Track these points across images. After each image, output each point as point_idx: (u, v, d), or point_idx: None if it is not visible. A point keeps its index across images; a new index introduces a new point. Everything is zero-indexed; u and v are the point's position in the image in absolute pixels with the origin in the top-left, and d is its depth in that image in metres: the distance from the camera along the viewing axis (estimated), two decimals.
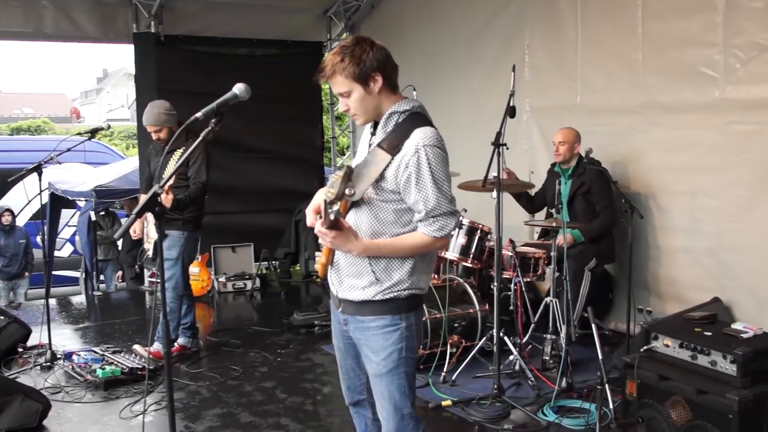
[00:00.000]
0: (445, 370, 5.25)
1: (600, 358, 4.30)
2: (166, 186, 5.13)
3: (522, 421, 4.55)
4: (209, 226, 6.45)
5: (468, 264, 5.82)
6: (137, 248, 9.56)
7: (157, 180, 5.63)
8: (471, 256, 5.75)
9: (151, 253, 5.89)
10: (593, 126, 6.40)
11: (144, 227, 5.94)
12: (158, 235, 2.81)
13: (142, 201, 2.65)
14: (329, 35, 9.97)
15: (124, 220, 10.52)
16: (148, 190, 4.50)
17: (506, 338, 5.23)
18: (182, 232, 5.78)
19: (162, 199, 5.11)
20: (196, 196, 5.68)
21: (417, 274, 2.81)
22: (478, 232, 5.75)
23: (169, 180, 3.17)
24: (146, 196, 2.68)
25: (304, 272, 9.52)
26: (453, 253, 5.78)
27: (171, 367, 2.82)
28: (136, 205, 2.70)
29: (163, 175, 5.40)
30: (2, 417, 4.46)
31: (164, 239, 5.62)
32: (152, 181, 5.92)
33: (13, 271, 10.38)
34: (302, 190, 8.88)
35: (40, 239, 9.11)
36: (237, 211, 9.28)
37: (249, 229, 9.28)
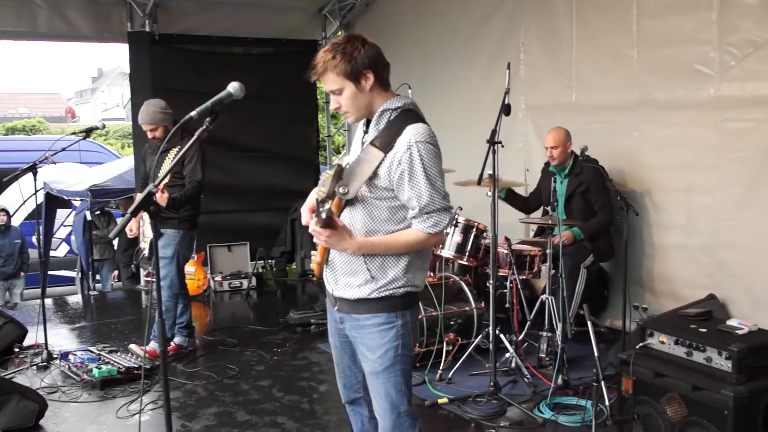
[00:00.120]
0: (441, 367, 5.26)
1: (596, 355, 4.31)
2: (161, 185, 5.14)
3: (518, 419, 4.56)
4: (205, 225, 6.44)
5: (464, 262, 5.82)
6: (133, 248, 9.55)
7: (152, 179, 5.61)
8: (467, 253, 5.75)
9: (147, 252, 5.89)
10: (588, 123, 6.41)
11: (140, 226, 5.94)
12: (154, 234, 2.80)
13: (137, 200, 2.64)
14: (324, 33, 9.98)
15: (119, 220, 10.50)
16: (143, 189, 4.50)
17: (502, 336, 5.24)
18: (178, 231, 5.78)
19: (157, 197, 5.13)
20: (192, 194, 5.67)
21: (412, 272, 2.81)
22: (474, 230, 5.75)
23: (164, 179, 3.16)
24: (141, 195, 2.67)
25: (300, 271, 9.52)
26: (449, 251, 5.78)
27: (167, 366, 2.82)
28: (132, 205, 2.69)
29: (159, 174, 5.39)
30: None
31: (160, 238, 5.62)
32: (148, 180, 5.92)
33: (8, 271, 10.36)
34: (298, 189, 8.86)
35: (35, 239, 9.11)
36: (233, 210, 9.27)
37: (245, 228, 9.27)
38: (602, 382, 4.30)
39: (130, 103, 9.22)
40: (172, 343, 6.03)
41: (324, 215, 2.57)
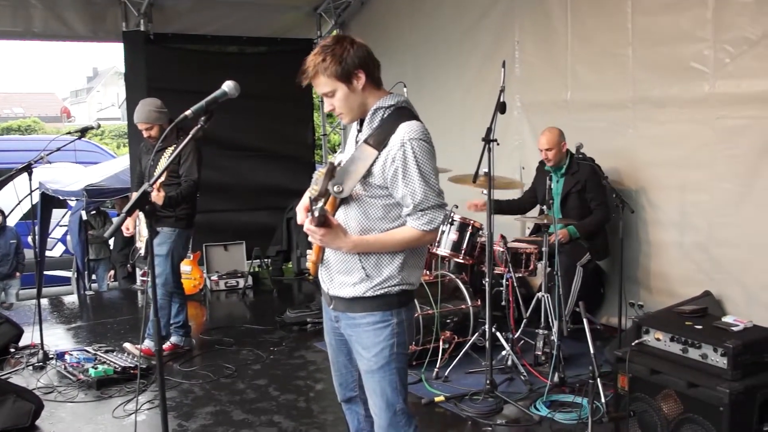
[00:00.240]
0: (437, 365, 5.27)
1: (592, 353, 4.31)
2: (157, 184, 5.13)
3: (515, 416, 4.57)
4: (201, 225, 6.43)
5: (460, 260, 5.82)
6: (129, 247, 9.54)
7: (148, 178, 5.62)
8: (463, 252, 5.75)
9: (143, 251, 5.88)
10: (583, 121, 6.42)
11: (137, 225, 5.93)
12: (149, 233, 2.80)
13: (132, 199, 2.64)
14: (319, 32, 9.97)
15: (115, 219, 10.48)
16: (139, 188, 4.51)
17: (498, 334, 5.25)
18: (174, 229, 5.78)
19: (153, 196, 5.13)
20: (188, 193, 5.67)
21: (407, 270, 2.81)
22: (470, 228, 5.75)
23: (160, 178, 3.16)
24: (137, 194, 2.67)
25: (296, 270, 9.52)
26: (445, 249, 5.78)
27: (162, 365, 2.82)
28: (127, 204, 2.69)
29: (154, 173, 5.40)
30: None
31: (155, 236, 5.61)
32: (143, 179, 5.91)
33: (4, 272, 10.32)
34: (294, 188, 8.83)
35: (31, 239, 9.07)
36: (229, 210, 9.27)
37: (241, 228, 9.27)
38: (598, 380, 4.28)
39: (125, 102, 9.20)
40: (168, 342, 6.03)
41: (317, 213, 2.57)
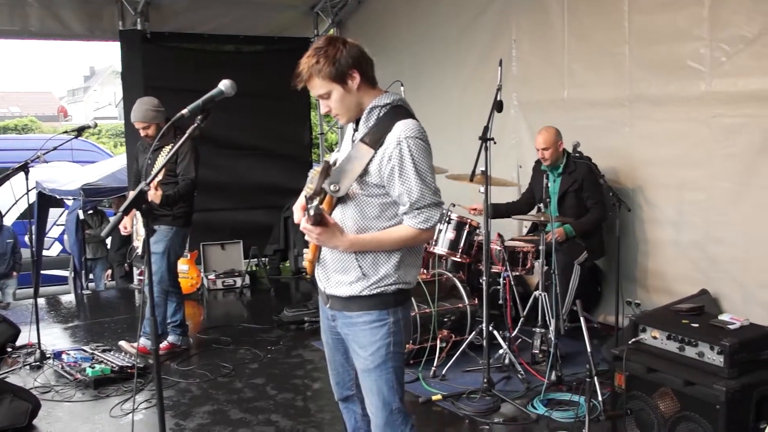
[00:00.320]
0: (435, 364, 5.27)
1: (589, 351, 4.32)
2: (154, 182, 5.14)
3: (512, 415, 4.57)
4: (198, 224, 6.44)
5: (457, 259, 5.82)
6: (126, 247, 9.54)
7: (144, 177, 5.62)
8: (460, 250, 5.75)
9: (141, 250, 5.87)
10: (580, 120, 6.42)
11: (134, 224, 5.93)
12: (146, 232, 2.80)
13: (128, 198, 2.64)
14: (316, 31, 9.96)
15: (112, 219, 10.47)
16: (136, 187, 4.50)
17: (496, 332, 5.25)
18: (171, 227, 5.78)
19: (150, 195, 5.13)
20: (186, 192, 5.67)
21: (404, 268, 2.81)
22: (467, 226, 5.75)
23: (156, 176, 3.16)
24: (133, 193, 2.67)
25: (293, 269, 9.53)
26: (442, 248, 5.78)
27: (159, 363, 2.81)
28: (124, 203, 2.69)
29: (151, 171, 5.40)
30: None
31: (152, 234, 5.61)
32: (140, 177, 5.91)
33: (1, 271, 10.31)
34: (291, 187, 8.82)
35: (28, 238, 9.06)
36: (226, 209, 9.26)
37: (238, 226, 9.26)
38: (595, 378, 4.31)
39: (122, 101, 9.19)
40: (165, 341, 6.03)
41: (312, 212, 2.57)
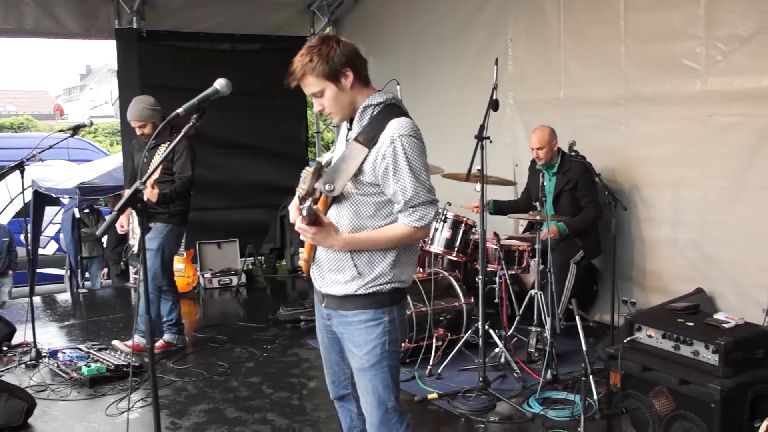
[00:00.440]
0: (430, 363, 5.28)
1: (584, 350, 4.32)
2: (150, 181, 5.13)
3: (508, 413, 4.58)
4: (194, 222, 6.43)
5: (453, 257, 5.82)
6: (122, 245, 9.53)
7: (140, 175, 5.61)
8: (456, 249, 5.75)
9: (137, 249, 5.87)
10: (576, 119, 6.43)
11: (130, 222, 5.92)
12: (141, 231, 2.80)
13: (124, 197, 2.64)
14: (313, 30, 9.93)
15: (108, 217, 10.45)
16: (131, 185, 4.50)
17: (491, 331, 5.26)
18: (166, 225, 5.77)
19: (147, 193, 5.12)
20: (182, 190, 5.67)
21: (399, 267, 2.81)
22: (463, 225, 5.75)
23: (152, 175, 3.16)
24: (129, 191, 2.67)
25: (289, 267, 9.52)
26: (438, 247, 5.78)
27: (155, 362, 2.81)
28: (119, 202, 2.68)
29: (147, 170, 5.39)
30: None
31: (148, 232, 5.61)
32: (136, 176, 5.90)
33: None
34: (287, 186, 8.70)
35: (23, 237, 9.05)
36: (222, 207, 9.25)
37: (234, 225, 9.25)
38: (591, 377, 4.29)
39: (118, 100, 9.18)
40: (161, 340, 6.02)
41: (305, 212, 2.57)
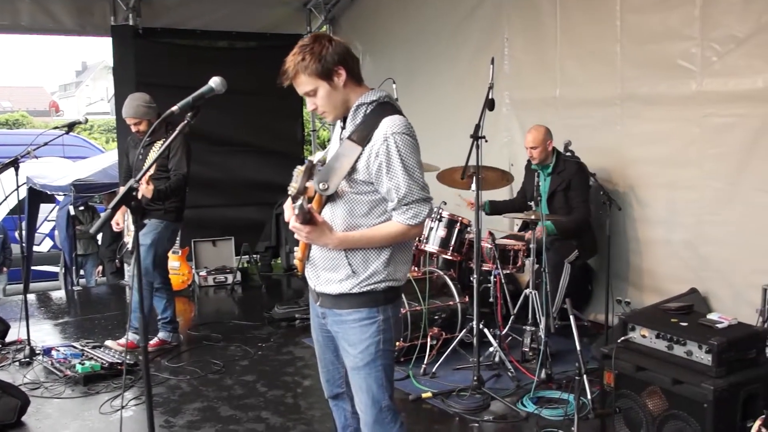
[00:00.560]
0: (425, 362, 5.28)
1: (578, 350, 4.33)
2: (145, 177, 5.12)
3: (502, 412, 4.58)
4: (190, 220, 6.42)
5: (448, 256, 5.83)
6: (117, 243, 9.52)
7: (135, 172, 5.60)
8: (451, 248, 5.76)
9: (131, 246, 5.86)
10: (572, 118, 6.44)
11: (125, 219, 5.91)
12: (135, 229, 2.79)
13: (118, 195, 2.63)
14: (309, 28, 9.93)
15: (102, 215, 10.43)
16: (126, 182, 4.49)
17: (486, 330, 5.27)
18: (161, 221, 5.77)
19: (143, 189, 5.11)
20: (177, 187, 5.66)
21: (394, 265, 2.81)
22: (458, 224, 5.77)
23: (147, 172, 3.15)
24: (123, 189, 2.66)
25: (285, 266, 9.52)
26: (433, 246, 5.79)
27: (148, 360, 2.81)
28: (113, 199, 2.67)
29: (143, 167, 5.38)
30: None
31: (142, 228, 5.60)
32: (131, 173, 5.89)
33: None
34: (283, 184, 8.53)
35: (18, 234, 9.03)
36: (217, 205, 9.25)
37: (229, 223, 9.25)
38: (584, 376, 4.32)
39: (113, 97, 9.16)
40: (156, 338, 6.02)
41: (297, 211, 2.58)
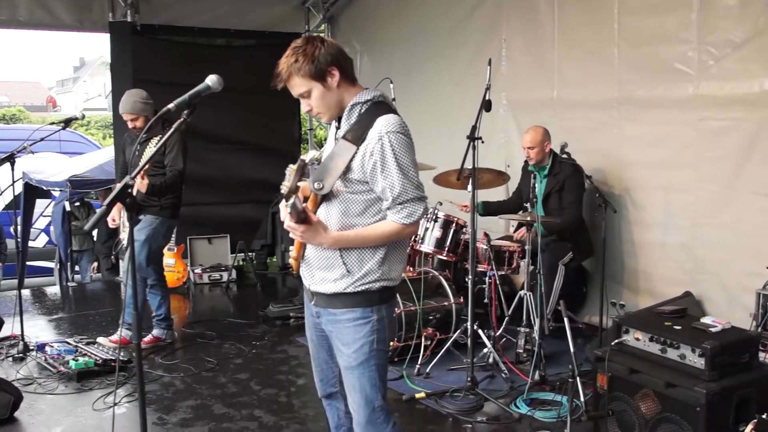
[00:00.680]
0: (419, 362, 5.28)
1: (572, 352, 4.34)
2: (141, 172, 5.12)
3: (495, 414, 4.58)
4: (185, 218, 6.42)
5: (443, 257, 5.83)
6: (113, 239, 9.51)
7: (132, 169, 5.60)
8: (446, 249, 5.76)
9: (126, 243, 5.85)
10: (569, 120, 6.44)
11: (121, 216, 5.91)
12: (130, 226, 2.79)
13: (113, 191, 2.63)
14: (307, 26, 9.92)
15: (97, 211, 10.40)
16: (123, 179, 4.48)
17: (480, 331, 5.27)
18: (156, 217, 5.77)
19: (137, 183, 5.11)
20: (172, 183, 5.66)
21: (388, 264, 2.81)
22: (453, 225, 5.76)
23: (143, 168, 3.15)
24: (118, 186, 2.66)
25: (280, 264, 9.52)
26: (428, 246, 5.79)
27: (141, 358, 2.80)
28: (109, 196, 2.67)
29: (139, 163, 5.39)
30: None
31: (137, 224, 5.59)
32: (127, 169, 5.89)
33: None
34: (279, 182, 8.67)
35: (13, 229, 9.01)
36: (213, 203, 9.25)
37: (225, 221, 9.25)
38: (578, 378, 4.33)
39: (111, 93, 9.15)
40: (150, 335, 6.02)
41: (290, 209, 2.58)
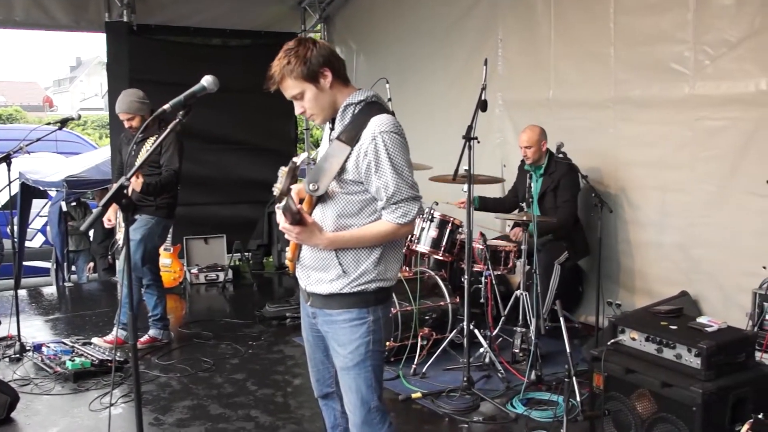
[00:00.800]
0: (415, 362, 5.28)
1: (568, 351, 4.34)
2: (137, 172, 5.11)
3: (491, 413, 4.59)
4: (182, 218, 6.42)
5: (439, 257, 5.83)
6: (109, 239, 9.49)
7: (127, 168, 5.60)
8: (442, 248, 5.76)
9: (122, 243, 5.85)
10: (565, 120, 6.45)
11: (117, 216, 5.91)
12: (125, 226, 2.79)
13: (109, 192, 2.63)
14: (303, 26, 9.92)
15: (94, 212, 10.38)
16: (119, 178, 4.48)
17: (476, 331, 5.27)
18: (152, 217, 5.76)
19: (132, 182, 5.11)
20: (168, 182, 5.65)
21: (384, 263, 2.82)
22: (450, 225, 5.77)
23: (138, 168, 3.15)
24: (114, 186, 2.66)
25: (276, 264, 9.52)
26: (424, 246, 5.79)
27: (137, 358, 2.80)
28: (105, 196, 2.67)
29: (135, 162, 5.39)
30: None
31: (132, 223, 5.59)
32: (123, 169, 5.89)
33: None
34: (275, 182, 8.81)
35: (10, 230, 9.00)
36: (210, 203, 9.25)
37: (222, 221, 9.24)
38: (574, 378, 4.32)
39: (107, 93, 9.14)
40: (146, 335, 6.01)
41: (283, 210, 2.59)
